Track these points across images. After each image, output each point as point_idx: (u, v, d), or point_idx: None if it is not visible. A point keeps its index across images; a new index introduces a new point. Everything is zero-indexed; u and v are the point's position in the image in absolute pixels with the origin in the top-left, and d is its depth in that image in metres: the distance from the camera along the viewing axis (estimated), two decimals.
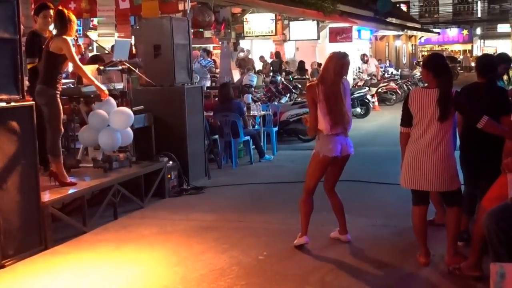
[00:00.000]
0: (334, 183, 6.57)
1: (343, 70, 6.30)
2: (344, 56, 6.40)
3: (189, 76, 10.25)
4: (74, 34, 7.59)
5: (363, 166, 11.14)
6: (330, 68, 6.28)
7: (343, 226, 6.63)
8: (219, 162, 11.44)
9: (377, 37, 36.83)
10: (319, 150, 6.30)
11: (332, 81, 6.22)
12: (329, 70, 6.26)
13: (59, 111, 7.32)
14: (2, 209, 6.02)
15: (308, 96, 6.36)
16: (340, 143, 6.28)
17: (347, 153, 6.37)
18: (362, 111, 19.60)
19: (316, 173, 6.39)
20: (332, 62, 6.32)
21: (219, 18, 19.74)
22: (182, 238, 7.00)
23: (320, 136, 6.29)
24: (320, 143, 6.30)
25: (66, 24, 7.35)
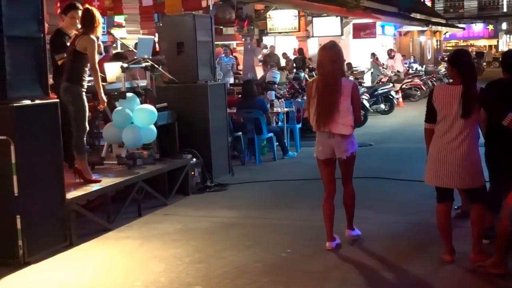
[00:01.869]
0: (345, 178, 6.34)
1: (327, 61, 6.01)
2: (329, 46, 6.14)
3: (212, 73, 10.26)
4: (100, 33, 7.62)
5: (386, 162, 11.11)
6: (317, 62, 6.20)
7: (348, 221, 6.50)
8: (242, 159, 11.44)
9: (401, 33, 36.61)
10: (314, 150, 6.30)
11: (322, 75, 6.06)
12: (317, 64, 6.20)
13: (84, 108, 7.36)
14: (27, 206, 6.07)
15: (306, 92, 6.39)
16: (330, 146, 6.10)
17: (340, 157, 6.13)
18: (386, 107, 19.49)
19: (321, 172, 6.34)
20: (318, 55, 6.27)
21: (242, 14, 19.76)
22: (205, 235, 7.02)
23: (316, 134, 6.24)
24: (316, 143, 6.26)
25: (93, 23, 7.38)
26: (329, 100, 5.97)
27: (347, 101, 5.99)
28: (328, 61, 6.02)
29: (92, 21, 7.38)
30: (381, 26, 29.74)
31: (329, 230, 6.27)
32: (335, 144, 6.07)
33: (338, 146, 6.07)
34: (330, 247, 6.23)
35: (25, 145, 6.06)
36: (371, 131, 15.33)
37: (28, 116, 6.19)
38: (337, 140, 6.05)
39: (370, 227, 6.96)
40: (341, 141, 6.05)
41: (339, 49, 6.14)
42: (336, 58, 6.06)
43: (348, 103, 6.00)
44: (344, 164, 6.23)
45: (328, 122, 6.00)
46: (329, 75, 6.01)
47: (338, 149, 6.08)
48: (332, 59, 6.02)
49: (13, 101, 6.07)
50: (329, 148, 6.11)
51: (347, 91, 6.00)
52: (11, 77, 5.99)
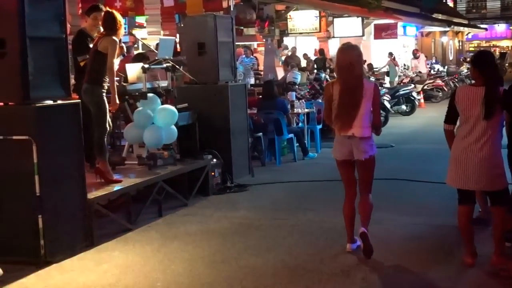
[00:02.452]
0: (363, 186, 6.12)
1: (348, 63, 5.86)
2: (348, 47, 6.02)
3: (233, 74, 10.26)
4: (121, 36, 7.64)
5: (407, 164, 11.06)
6: (337, 64, 6.07)
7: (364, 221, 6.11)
8: (263, 160, 11.43)
9: (423, 33, 36.43)
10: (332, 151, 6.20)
11: (343, 78, 5.91)
12: (337, 66, 6.08)
13: (105, 109, 7.39)
14: (49, 206, 6.11)
15: (324, 94, 6.30)
16: (349, 147, 5.96)
17: (358, 158, 5.97)
18: (408, 108, 19.38)
19: (340, 174, 6.23)
20: (337, 57, 6.09)
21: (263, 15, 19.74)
22: (225, 235, 7.02)
23: (335, 135, 6.13)
24: (334, 143, 6.16)
25: (115, 26, 7.41)
26: (352, 104, 5.85)
27: (369, 103, 5.89)
28: (349, 63, 5.87)
29: (114, 24, 7.40)
30: (403, 27, 29.62)
31: (349, 232, 6.20)
32: (354, 144, 5.94)
33: (357, 146, 5.93)
34: (350, 249, 6.18)
35: (47, 145, 6.10)
36: (392, 132, 15.25)
37: (50, 117, 6.23)
38: (356, 141, 5.92)
39: (391, 229, 6.93)
40: (360, 142, 5.92)
41: (358, 50, 6.00)
42: (357, 60, 5.93)
43: (369, 105, 5.90)
44: (362, 168, 6.04)
45: (350, 127, 5.87)
46: (351, 78, 5.88)
47: (357, 149, 5.93)
48: (352, 61, 5.88)
49: (35, 102, 6.12)
50: (347, 148, 5.98)
51: (369, 93, 5.87)
52: (33, 78, 6.03)
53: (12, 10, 5.97)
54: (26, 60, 5.98)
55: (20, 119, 6.11)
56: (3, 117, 6.18)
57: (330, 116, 6.03)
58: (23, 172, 6.04)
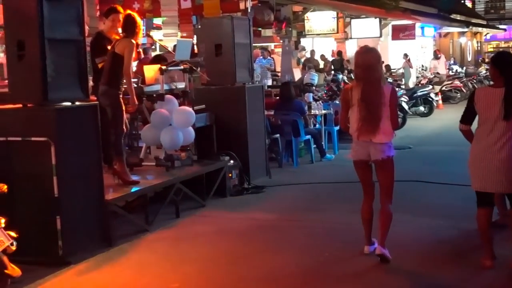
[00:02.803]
0: (382, 191, 5.98)
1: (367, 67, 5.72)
2: (367, 50, 5.90)
3: (250, 75, 10.27)
4: (140, 40, 7.66)
5: (425, 165, 11.00)
6: (356, 67, 5.95)
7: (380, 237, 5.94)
8: (280, 161, 11.43)
9: (441, 34, 36.24)
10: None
11: (363, 82, 5.75)
12: (356, 70, 5.96)
13: (122, 111, 7.41)
14: (67, 207, 6.15)
15: (342, 98, 6.16)
16: (366, 148, 5.84)
17: (376, 158, 5.83)
18: (426, 109, 19.27)
19: (358, 176, 6.12)
20: (355, 60, 5.96)
21: (280, 16, 19.73)
22: (241, 237, 7.03)
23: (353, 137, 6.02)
24: (352, 144, 6.04)
25: (135, 29, 7.42)
26: (373, 108, 5.70)
27: (387, 107, 5.74)
28: (368, 66, 5.73)
29: (133, 27, 7.41)
30: (421, 28, 29.48)
31: (367, 234, 6.16)
32: (371, 146, 5.81)
33: (374, 147, 5.80)
34: (368, 251, 6.13)
35: (65, 146, 6.14)
36: (410, 133, 15.19)
37: (68, 118, 6.28)
38: (374, 143, 5.80)
39: (408, 231, 6.90)
40: (379, 143, 5.80)
41: (377, 53, 5.88)
42: (375, 63, 5.79)
43: (387, 110, 5.75)
44: (380, 170, 5.91)
45: (370, 133, 5.75)
46: (370, 82, 5.72)
47: (374, 150, 5.80)
48: (371, 64, 5.74)
49: (54, 103, 6.17)
50: (365, 149, 5.84)
51: (387, 97, 5.73)
52: (52, 79, 6.09)
53: (31, 12, 6.02)
54: (44, 62, 6.03)
55: (38, 120, 6.16)
56: (21, 119, 6.25)
57: (346, 121, 5.94)
58: (42, 173, 6.09)
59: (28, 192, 6.17)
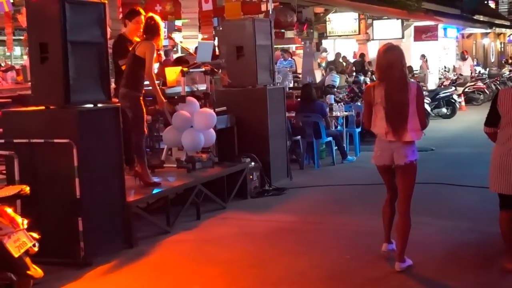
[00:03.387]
0: (402, 199, 5.79)
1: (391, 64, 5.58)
2: (390, 48, 5.72)
3: (271, 77, 10.26)
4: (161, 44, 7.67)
5: (447, 168, 10.93)
6: (378, 66, 5.78)
7: (399, 253, 5.79)
8: (301, 163, 11.41)
9: (463, 35, 35.97)
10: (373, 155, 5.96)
11: (387, 80, 5.62)
12: (379, 68, 5.78)
13: (142, 113, 7.43)
14: (89, 208, 6.19)
15: (364, 98, 6.06)
16: (389, 151, 5.68)
17: (398, 163, 5.66)
18: (448, 111, 19.14)
19: (382, 179, 6.03)
20: (378, 58, 5.81)
21: (302, 18, 19.69)
22: (262, 239, 7.02)
23: (376, 139, 5.88)
24: (374, 148, 5.91)
25: (156, 31, 7.43)
26: (398, 107, 5.57)
27: (413, 105, 5.59)
28: (390, 64, 5.59)
29: (155, 29, 7.42)
30: (443, 29, 29.26)
31: (386, 232, 6.10)
32: (395, 149, 5.64)
33: (397, 151, 5.63)
34: (385, 248, 6.09)
35: (87, 148, 6.18)
36: (432, 135, 15.04)
37: (90, 120, 6.31)
38: (397, 145, 5.63)
39: (430, 233, 6.85)
40: (402, 147, 5.62)
41: (399, 50, 5.72)
42: (398, 60, 5.62)
43: (414, 107, 5.59)
44: (401, 174, 5.72)
45: (397, 130, 5.59)
46: (393, 79, 5.59)
47: (397, 154, 5.63)
48: (393, 61, 5.60)
49: (76, 105, 6.21)
50: (388, 153, 5.69)
51: (412, 94, 5.58)
52: (74, 82, 6.13)
53: (53, 15, 6.07)
54: (67, 65, 6.07)
55: (61, 122, 6.21)
56: (44, 121, 6.29)
57: (370, 120, 5.81)
58: (64, 175, 6.13)
59: (50, 193, 6.22)
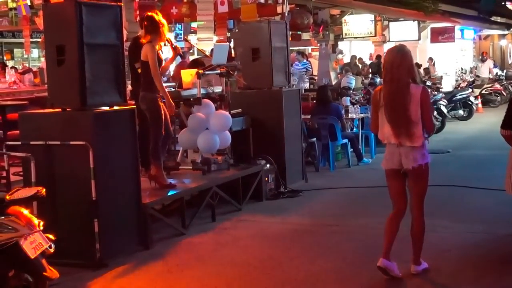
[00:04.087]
0: (414, 201, 5.64)
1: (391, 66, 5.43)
2: (393, 49, 5.57)
3: (287, 79, 10.26)
4: (165, 38, 7.60)
5: (463, 170, 10.87)
6: (382, 68, 5.67)
7: (415, 255, 5.71)
8: (317, 165, 11.39)
9: (480, 37, 35.75)
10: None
11: (387, 82, 5.48)
12: (382, 70, 5.67)
13: (159, 115, 7.43)
14: (105, 209, 6.22)
15: (372, 101, 5.88)
16: (397, 155, 5.51)
17: (407, 167, 5.48)
18: (465, 113, 19.03)
19: (388, 187, 5.78)
20: (384, 60, 5.71)
21: (318, 20, 19.67)
22: (278, 241, 7.01)
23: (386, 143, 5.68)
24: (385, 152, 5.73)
25: (155, 29, 7.33)
26: (398, 110, 5.41)
27: (417, 109, 5.39)
28: (393, 66, 5.43)
29: (151, 29, 7.31)
30: (460, 30, 29.11)
31: (386, 247, 5.65)
32: (403, 153, 5.48)
33: (405, 155, 5.47)
34: (381, 264, 5.61)
35: (103, 150, 6.21)
36: (449, 137, 15.03)
37: (106, 122, 6.35)
38: (405, 150, 5.47)
39: (447, 236, 6.82)
40: (410, 151, 5.45)
41: (405, 52, 5.49)
42: (401, 62, 5.42)
43: (418, 111, 5.40)
44: (412, 179, 5.57)
45: (399, 134, 5.44)
46: (394, 81, 5.43)
47: (406, 158, 5.47)
48: (396, 63, 5.42)
49: (92, 107, 6.24)
50: (396, 157, 5.52)
51: (415, 98, 5.38)
52: (90, 84, 6.16)
53: (70, 18, 6.11)
54: (83, 67, 6.11)
55: (77, 124, 6.24)
56: (61, 123, 6.32)
57: (376, 124, 5.64)
58: (80, 176, 6.17)
59: (67, 195, 6.26)
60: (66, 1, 6.49)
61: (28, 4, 11.82)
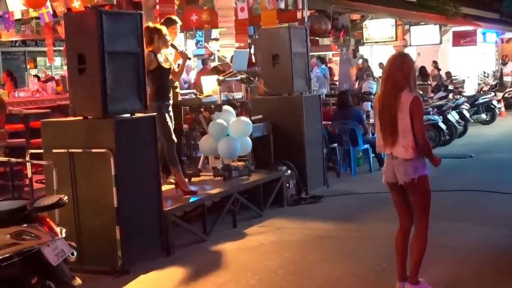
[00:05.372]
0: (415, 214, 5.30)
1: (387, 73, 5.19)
2: (392, 55, 5.30)
3: (307, 85, 10.25)
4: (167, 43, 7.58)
5: (487, 174, 10.78)
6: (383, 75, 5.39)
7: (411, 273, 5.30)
8: (338, 171, 11.36)
9: (503, 40, 35.45)
10: None
11: (385, 90, 5.21)
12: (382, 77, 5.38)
13: (164, 121, 7.36)
14: (126, 216, 6.25)
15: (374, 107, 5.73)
16: (391, 167, 5.21)
17: (400, 182, 5.18)
18: (488, 117, 18.91)
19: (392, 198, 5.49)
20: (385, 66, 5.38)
21: (338, 25, 19.65)
22: (299, 247, 7.01)
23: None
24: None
25: (151, 38, 7.30)
26: (388, 117, 5.13)
27: (406, 118, 5.04)
28: (388, 73, 5.18)
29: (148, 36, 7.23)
30: (482, 33, 28.92)
31: (399, 268, 5.38)
32: (395, 165, 5.17)
33: (397, 168, 5.16)
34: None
35: (124, 157, 6.24)
36: (471, 141, 14.93)
37: (127, 129, 6.38)
38: (398, 162, 5.15)
39: (469, 241, 6.77)
40: (401, 163, 5.12)
41: (403, 58, 5.21)
42: (396, 69, 5.12)
43: (407, 121, 5.04)
44: (409, 193, 5.23)
45: (389, 143, 5.16)
46: (386, 88, 5.17)
47: (398, 171, 5.16)
48: (391, 70, 5.15)
49: (114, 115, 6.28)
50: (390, 169, 5.24)
51: (405, 106, 5.04)
52: (111, 92, 6.20)
53: (91, 26, 6.15)
54: (104, 75, 6.15)
55: (99, 132, 6.28)
56: (82, 130, 6.37)
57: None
58: (102, 184, 6.21)
59: (89, 202, 6.30)
60: (87, 10, 6.55)
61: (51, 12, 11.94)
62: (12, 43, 22.39)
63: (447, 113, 14.85)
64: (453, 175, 10.39)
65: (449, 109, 15.10)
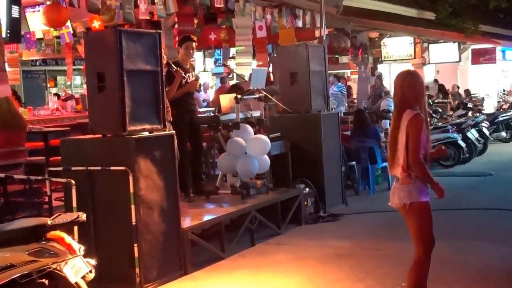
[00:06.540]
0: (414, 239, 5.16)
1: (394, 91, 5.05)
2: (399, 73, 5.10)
3: (325, 103, 10.26)
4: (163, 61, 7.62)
5: (506, 192, 10.67)
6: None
7: None
8: (357, 189, 11.32)
9: None
10: None
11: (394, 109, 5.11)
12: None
13: None
14: (146, 234, 6.26)
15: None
16: (393, 190, 5.04)
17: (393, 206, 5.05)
18: (508, 135, 18.79)
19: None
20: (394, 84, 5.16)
21: (357, 43, 19.69)
22: (317, 265, 6.97)
23: None
24: None
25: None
26: (391, 137, 4.97)
27: (403, 137, 4.85)
28: (397, 90, 5.00)
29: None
30: (502, 51, 28.82)
31: None
32: (395, 188, 5.01)
33: (393, 191, 5.02)
34: None
35: (142, 175, 6.27)
36: (491, 159, 14.83)
37: (146, 147, 6.40)
38: (397, 185, 4.99)
39: (491, 259, 6.70)
40: (398, 186, 4.96)
41: (407, 77, 4.98)
42: (401, 87, 4.94)
43: (404, 139, 4.84)
44: (406, 217, 5.07)
45: (391, 164, 4.99)
46: (396, 105, 5.01)
47: (393, 194, 5.00)
48: (397, 89, 4.99)
49: (132, 133, 6.31)
50: (393, 192, 5.06)
51: (404, 125, 4.85)
52: (130, 110, 6.24)
53: (110, 45, 6.21)
54: (123, 93, 6.19)
55: (117, 150, 6.32)
56: (101, 148, 6.41)
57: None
58: (120, 201, 6.23)
59: (107, 220, 6.33)
60: (107, 29, 6.60)
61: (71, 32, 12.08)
62: (32, 62, 22.65)
63: (466, 131, 14.78)
64: (473, 193, 10.31)
65: (468, 127, 15.02)
